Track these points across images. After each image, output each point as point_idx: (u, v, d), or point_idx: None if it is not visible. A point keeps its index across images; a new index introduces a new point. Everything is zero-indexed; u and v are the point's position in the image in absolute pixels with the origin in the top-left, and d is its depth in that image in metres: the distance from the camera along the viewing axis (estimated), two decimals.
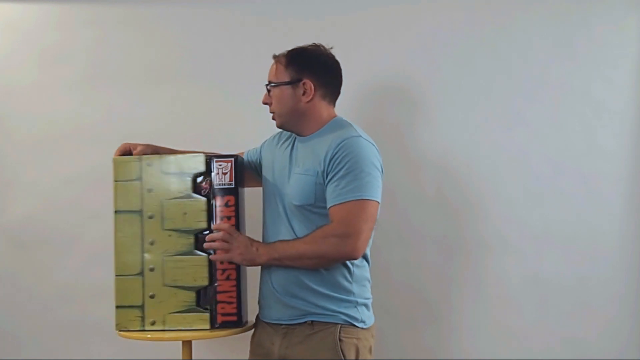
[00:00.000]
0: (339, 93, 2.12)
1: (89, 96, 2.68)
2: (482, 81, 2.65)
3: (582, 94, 2.65)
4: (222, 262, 2.03)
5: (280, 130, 2.15)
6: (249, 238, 2.01)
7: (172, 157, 2.12)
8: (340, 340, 1.92)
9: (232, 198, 2.05)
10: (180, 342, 2.12)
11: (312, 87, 2.02)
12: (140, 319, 2.10)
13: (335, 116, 2.08)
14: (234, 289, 2.05)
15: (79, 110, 2.68)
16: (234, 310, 2.05)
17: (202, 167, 2.08)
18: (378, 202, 1.94)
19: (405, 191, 2.62)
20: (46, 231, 2.66)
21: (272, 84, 2.06)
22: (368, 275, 2.06)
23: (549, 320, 2.64)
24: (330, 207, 1.92)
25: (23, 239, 2.67)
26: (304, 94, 2.02)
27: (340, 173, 1.91)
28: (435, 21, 2.66)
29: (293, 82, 2.02)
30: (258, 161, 2.26)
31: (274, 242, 2.01)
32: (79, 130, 2.67)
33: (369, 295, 2.05)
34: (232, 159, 2.07)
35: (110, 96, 2.67)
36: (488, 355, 2.64)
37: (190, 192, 2.08)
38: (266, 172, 2.16)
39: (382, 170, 2.00)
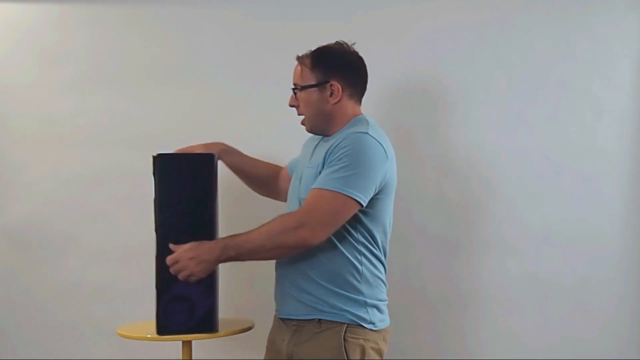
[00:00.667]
0: (365, 90, 2.09)
1: (89, 96, 2.67)
2: (482, 81, 2.65)
3: (582, 94, 2.66)
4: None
5: None
6: (193, 244, 1.92)
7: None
8: (345, 340, 1.90)
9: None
10: (180, 342, 2.12)
11: (340, 88, 2.00)
12: None
13: (359, 114, 2.06)
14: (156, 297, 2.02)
15: (79, 110, 2.68)
16: (156, 318, 2.03)
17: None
18: (356, 201, 1.87)
19: (405, 191, 2.61)
20: (46, 231, 2.65)
21: (299, 87, 2.03)
22: (382, 276, 2.01)
23: (549, 320, 2.64)
24: (311, 190, 1.90)
25: (23, 239, 2.66)
26: (331, 95, 2.00)
27: (332, 163, 1.88)
28: (435, 22, 2.66)
29: (320, 84, 2.00)
30: None
31: (229, 237, 1.92)
32: (79, 130, 2.67)
33: (383, 297, 2.01)
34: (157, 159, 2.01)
35: (110, 96, 2.67)
36: (488, 355, 2.64)
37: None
38: (295, 169, 2.16)
39: (380, 174, 1.92)
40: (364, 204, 1.89)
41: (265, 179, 2.35)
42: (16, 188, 2.67)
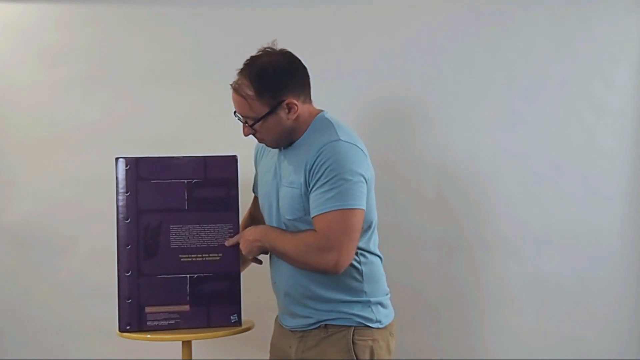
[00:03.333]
0: (310, 85, 1.98)
1: (89, 96, 2.67)
2: (482, 81, 2.65)
3: (582, 94, 2.66)
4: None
5: None
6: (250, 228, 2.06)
7: None
8: (353, 343, 1.89)
9: None
10: (180, 342, 2.12)
11: (295, 102, 1.90)
12: None
13: (316, 113, 1.97)
14: None
15: (79, 110, 2.68)
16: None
17: None
18: (361, 209, 1.85)
19: (405, 191, 2.62)
20: (46, 231, 2.65)
21: (254, 121, 1.92)
22: (381, 268, 2.00)
23: (549, 320, 2.64)
24: (312, 217, 1.86)
25: (23, 239, 2.66)
26: (289, 111, 1.91)
27: (320, 182, 1.83)
28: (435, 21, 2.66)
29: (275, 109, 1.90)
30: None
31: (270, 227, 1.99)
32: (79, 130, 2.67)
33: (385, 289, 2.00)
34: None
35: (110, 96, 2.67)
36: (488, 355, 2.64)
37: None
38: (260, 186, 2.10)
39: (366, 174, 1.88)
40: (365, 208, 1.87)
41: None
42: (16, 188, 2.67)
